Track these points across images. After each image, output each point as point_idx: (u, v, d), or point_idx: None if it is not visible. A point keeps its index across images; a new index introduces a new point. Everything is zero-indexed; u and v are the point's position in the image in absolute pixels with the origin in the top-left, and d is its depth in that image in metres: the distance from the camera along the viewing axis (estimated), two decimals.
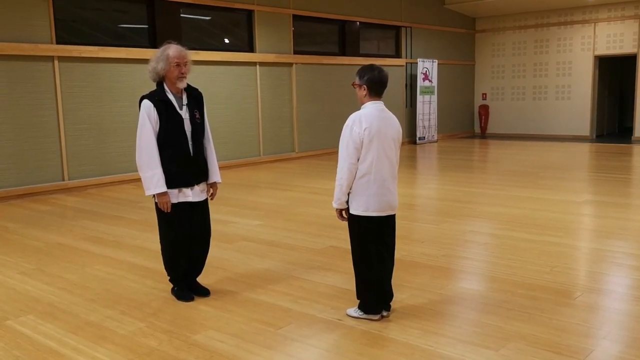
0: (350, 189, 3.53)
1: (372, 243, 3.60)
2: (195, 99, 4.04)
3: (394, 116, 3.66)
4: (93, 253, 5.37)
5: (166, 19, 9.77)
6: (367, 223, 3.56)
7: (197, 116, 4.01)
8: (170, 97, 3.90)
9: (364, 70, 3.56)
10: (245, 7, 10.90)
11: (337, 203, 3.57)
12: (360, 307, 3.68)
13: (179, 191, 3.94)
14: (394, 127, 3.60)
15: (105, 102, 9.06)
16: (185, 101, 3.97)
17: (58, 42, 8.50)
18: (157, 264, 4.67)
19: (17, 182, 8.24)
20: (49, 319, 3.80)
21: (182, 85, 3.92)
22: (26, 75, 8.23)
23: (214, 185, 4.18)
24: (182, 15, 10.10)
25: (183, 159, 3.94)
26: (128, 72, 9.26)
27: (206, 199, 4.14)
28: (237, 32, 11.21)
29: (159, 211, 3.97)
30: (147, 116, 3.82)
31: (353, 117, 3.51)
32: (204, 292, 4.17)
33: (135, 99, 9.40)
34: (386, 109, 3.61)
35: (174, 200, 3.92)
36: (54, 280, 4.61)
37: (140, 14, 9.67)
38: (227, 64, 10.69)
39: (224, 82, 10.68)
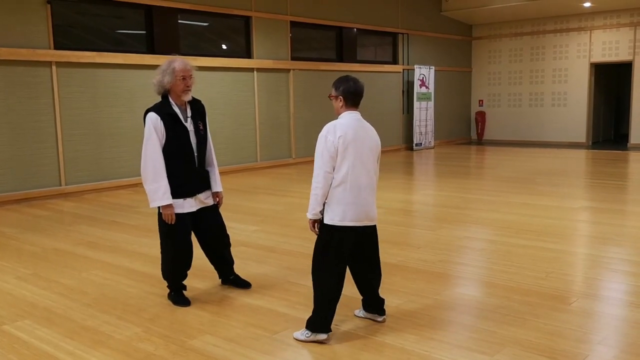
0: (326, 198, 3.43)
1: (339, 258, 3.44)
2: (198, 110, 4.11)
3: (372, 127, 3.58)
4: (90, 258, 5.37)
5: (164, 25, 9.80)
6: (341, 234, 3.41)
7: (201, 128, 4.10)
8: (176, 109, 3.97)
9: (340, 82, 3.53)
10: (243, 13, 10.93)
11: (311, 213, 3.45)
12: (308, 327, 3.45)
13: (184, 200, 4.00)
14: (372, 137, 3.52)
15: (102, 108, 9.07)
16: (189, 113, 4.04)
17: (56, 48, 8.51)
18: (154, 269, 4.68)
19: (14, 187, 8.23)
20: (46, 324, 3.80)
21: (187, 98, 3.99)
22: (24, 81, 8.23)
23: (218, 194, 4.24)
24: (179, 21, 10.13)
25: (188, 170, 4.02)
26: (126, 78, 9.27)
27: (215, 205, 4.22)
28: (235, 38, 11.24)
29: (161, 222, 4.01)
30: (154, 128, 3.87)
31: (328, 126, 3.47)
32: (244, 285, 4.38)
33: (132, 105, 9.44)
34: (363, 120, 3.54)
35: (178, 211, 3.97)
36: (51, 285, 4.61)
37: (138, 20, 9.69)
38: (225, 70, 10.71)
39: (222, 88, 10.69)
